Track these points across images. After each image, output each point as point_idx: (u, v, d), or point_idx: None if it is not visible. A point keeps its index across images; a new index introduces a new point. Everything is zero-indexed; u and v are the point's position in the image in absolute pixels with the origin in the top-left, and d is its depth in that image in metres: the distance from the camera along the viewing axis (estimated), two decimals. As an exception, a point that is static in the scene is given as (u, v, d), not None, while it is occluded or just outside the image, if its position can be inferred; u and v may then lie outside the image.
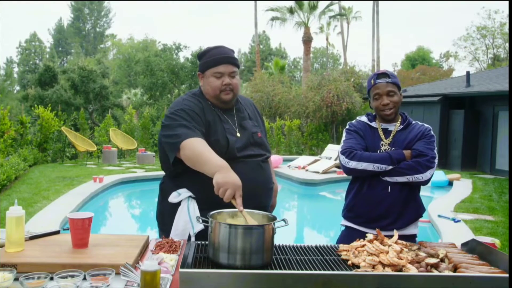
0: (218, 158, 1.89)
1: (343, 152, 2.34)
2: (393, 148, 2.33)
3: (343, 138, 2.45)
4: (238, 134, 2.18)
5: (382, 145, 2.35)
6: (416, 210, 2.37)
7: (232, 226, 1.55)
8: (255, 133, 2.25)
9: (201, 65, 2.22)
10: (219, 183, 1.75)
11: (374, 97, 2.37)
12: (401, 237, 1.99)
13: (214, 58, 2.17)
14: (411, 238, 2.29)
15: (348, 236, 2.36)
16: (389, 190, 2.29)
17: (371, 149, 2.34)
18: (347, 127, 2.49)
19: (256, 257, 1.53)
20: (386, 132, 2.39)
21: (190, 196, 2.10)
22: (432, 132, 2.40)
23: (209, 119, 2.14)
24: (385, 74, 2.35)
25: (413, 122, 2.45)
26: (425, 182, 2.30)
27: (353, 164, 2.29)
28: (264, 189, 2.21)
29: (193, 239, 2.04)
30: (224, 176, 1.77)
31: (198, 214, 2.03)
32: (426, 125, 2.45)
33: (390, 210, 2.30)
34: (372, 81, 2.36)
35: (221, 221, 1.61)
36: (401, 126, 2.39)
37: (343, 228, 2.50)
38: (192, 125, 2.04)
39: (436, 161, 2.30)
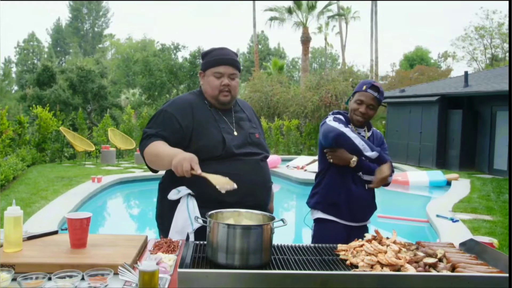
0: (171, 149, 2.00)
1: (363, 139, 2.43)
2: None
3: (339, 125, 2.45)
4: (235, 133, 2.19)
5: None
6: (376, 206, 2.71)
7: (231, 226, 1.55)
8: (252, 134, 2.26)
9: (203, 64, 2.25)
10: (175, 165, 1.86)
11: (356, 101, 2.54)
12: (364, 227, 2.62)
13: (216, 58, 2.20)
14: (366, 228, 2.68)
15: (327, 227, 2.58)
16: (366, 188, 2.57)
17: None
18: (336, 115, 2.57)
19: (254, 257, 1.53)
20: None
21: (189, 194, 2.11)
22: (384, 140, 2.77)
23: (201, 119, 2.16)
24: (377, 89, 2.52)
25: (372, 127, 2.74)
26: (389, 184, 2.59)
27: (371, 153, 2.43)
28: (263, 187, 2.22)
29: (192, 236, 2.04)
30: (177, 158, 1.87)
31: (197, 211, 2.05)
32: (378, 131, 2.78)
33: (367, 204, 2.62)
34: (364, 87, 2.52)
35: (220, 221, 1.61)
36: (370, 133, 2.67)
37: (312, 221, 2.68)
38: (153, 134, 2.12)
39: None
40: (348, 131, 2.42)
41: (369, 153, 2.39)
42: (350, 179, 2.54)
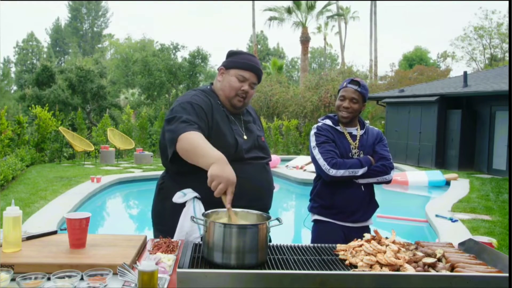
0: (215, 151, 1.85)
1: (326, 159, 2.53)
2: (361, 151, 2.63)
3: (315, 142, 2.61)
4: (245, 137, 2.18)
5: (352, 148, 2.62)
6: (376, 205, 2.74)
7: (227, 225, 1.55)
8: (259, 137, 2.27)
9: (229, 62, 2.21)
10: (213, 175, 1.71)
11: (339, 98, 2.64)
12: (364, 228, 2.63)
13: (245, 62, 2.18)
14: (367, 229, 2.69)
15: (323, 228, 2.65)
16: (362, 189, 2.62)
17: (343, 153, 2.59)
18: (316, 130, 2.66)
19: (250, 256, 1.54)
20: (351, 136, 2.66)
21: (195, 197, 2.06)
22: (383, 136, 2.77)
23: (218, 119, 2.12)
24: (357, 83, 2.60)
25: (367, 125, 2.76)
26: (390, 181, 2.65)
27: (333, 172, 2.52)
28: (268, 191, 2.24)
29: (199, 240, 2.00)
30: (220, 169, 1.73)
31: None
32: (376, 128, 2.79)
33: (363, 205, 2.64)
34: (345, 84, 2.63)
35: (216, 221, 1.61)
36: (363, 131, 2.69)
37: (312, 223, 2.74)
38: (193, 120, 1.99)
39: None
40: (314, 147, 2.57)
41: (333, 172, 2.50)
42: (344, 182, 2.57)
